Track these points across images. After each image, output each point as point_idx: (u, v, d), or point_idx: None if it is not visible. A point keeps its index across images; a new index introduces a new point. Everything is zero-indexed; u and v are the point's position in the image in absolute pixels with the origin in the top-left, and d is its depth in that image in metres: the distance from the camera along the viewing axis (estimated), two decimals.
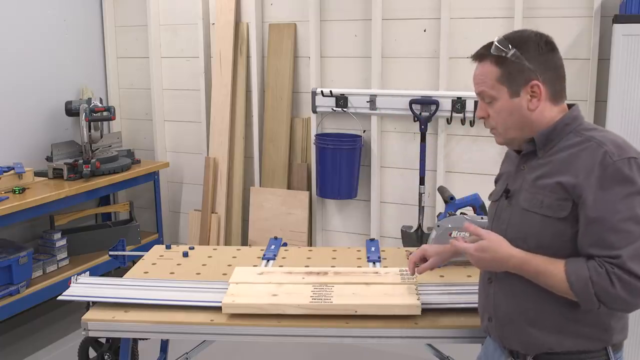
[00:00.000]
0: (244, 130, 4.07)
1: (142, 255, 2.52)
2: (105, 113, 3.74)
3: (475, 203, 2.37)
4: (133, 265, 2.43)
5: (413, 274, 1.87)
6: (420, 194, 3.55)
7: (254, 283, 2.07)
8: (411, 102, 3.52)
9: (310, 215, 3.93)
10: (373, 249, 2.52)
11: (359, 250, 2.57)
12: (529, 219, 1.52)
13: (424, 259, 1.85)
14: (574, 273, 1.43)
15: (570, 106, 1.59)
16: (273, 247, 2.56)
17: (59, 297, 2.07)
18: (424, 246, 1.89)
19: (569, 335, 1.51)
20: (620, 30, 2.72)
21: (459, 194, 2.44)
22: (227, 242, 4.13)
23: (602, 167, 1.44)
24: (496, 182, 1.77)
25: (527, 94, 1.52)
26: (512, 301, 1.57)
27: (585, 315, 1.50)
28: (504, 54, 1.51)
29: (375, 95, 3.64)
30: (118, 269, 3.27)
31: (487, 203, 1.84)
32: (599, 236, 1.42)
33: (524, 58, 1.51)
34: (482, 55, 1.56)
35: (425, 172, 3.54)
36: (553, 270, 1.46)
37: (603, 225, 1.42)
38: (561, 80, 1.56)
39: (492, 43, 1.55)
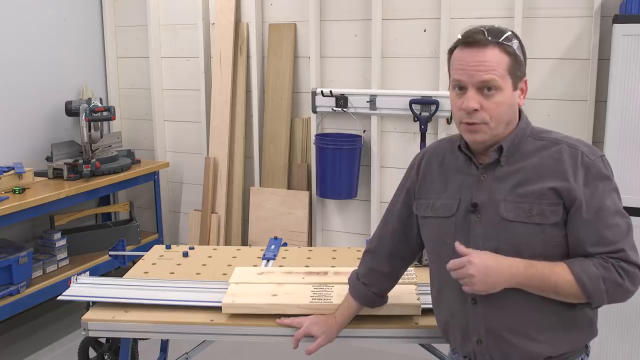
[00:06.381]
0: (244, 130, 4.07)
1: (142, 255, 2.52)
2: (105, 113, 3.74)
3: None
4: (133, 265, 2.43)
5: (296, 347, 1.83)
6: None
7: (254, 283, 2.07)
8: (411, 102, 3.52)
9: (310, 215, 3.93)
10: None
11: (359, 250, 2.56)
12: (516, 229, 1.46)
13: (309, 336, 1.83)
14: (584, 273, 1.41)
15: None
16: (273, 247, 2.56)
17: (59, 297, 2.07)
18: (306, 325, 1.82)
19: (564, 337, 1.51)
20: (620, 30, 2.72)
21: None
22: (227, 242, 4.13)
23: (584, 167, 1.45)
24: (410, 191, 1.70)
25: (519, 89, 1.50)
26: (505, 318, 1.50)
27: (576, 315, 1.50)
28: (510, 44, 1.45)
29: (375, 95, 3.64)
30: (118, 269, 3.27)
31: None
32: (597, 234, 1.43)
33: (521, 53, 1.48)
34: (485, 41, 1.44)
35: None
36: (560, 272, 1.42)
37: (598, 223, 1.43)
38: None
39: (482, 31, 1.45)
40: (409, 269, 1.96)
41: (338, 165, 3.64)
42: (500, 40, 1.45)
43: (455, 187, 1.57)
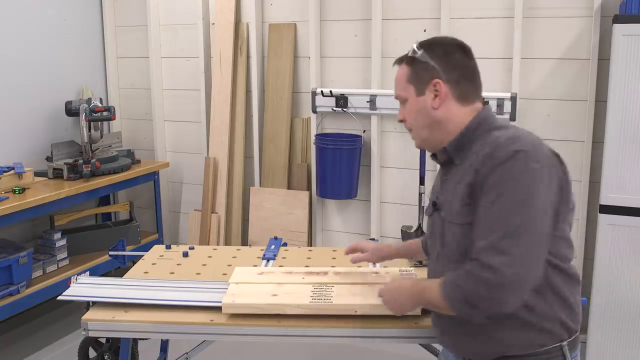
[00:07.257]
0: (244, 130, 4.07)
1: (142, 255, 2.52)
2: (105, 113, 3.74)
3: None
4: (133, 265, 2.43)
5: (348, 253, 2.05)
6: (420, 194, 3.55)
7: (254, 283, 2.07)
8: None
9: (310, 215, 3.93)
10: None
11: None
12: (449, 229, 1.53)
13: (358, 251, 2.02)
14: (447, 281, 1.44)
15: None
16: (273, 247, 2.56)
17: (59, 297, 2.07)
18: (361, 242, 2.05)
19: (522, 337, 1.48)
20: (620, 30, 2.72)
21: None
22: (227, 242, 4.13)
23: (491, 161, 1.42)
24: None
25: (431, 92, 1.56)
26: (457, 317, 1.51)
27: (537, 315, 1.47)
28: (414, 55, 1.60)
29: (375, 95, 3.64)
30: (118, 269, 3.27)
31: None
32: (476, 234, 1.42)
33: (429, 57, 1.57)
34: (400, 59, 1.65)
35: (425, 172, 3.54)
36: (433, 284, 1.48)
37: (481, 222, 1.41)
38: (469, 81, 1.57)
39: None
40: (409, 268, 1.98)
41: (338, 165, 3.65)
42: (407, 54, 1.62)
43: (435, 187, 1.70)
